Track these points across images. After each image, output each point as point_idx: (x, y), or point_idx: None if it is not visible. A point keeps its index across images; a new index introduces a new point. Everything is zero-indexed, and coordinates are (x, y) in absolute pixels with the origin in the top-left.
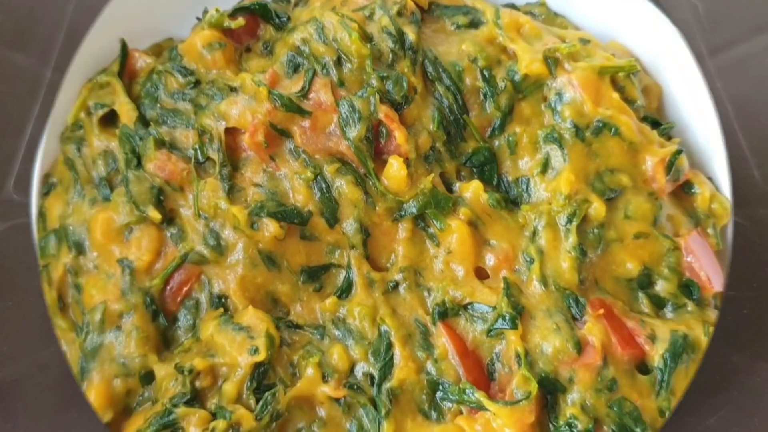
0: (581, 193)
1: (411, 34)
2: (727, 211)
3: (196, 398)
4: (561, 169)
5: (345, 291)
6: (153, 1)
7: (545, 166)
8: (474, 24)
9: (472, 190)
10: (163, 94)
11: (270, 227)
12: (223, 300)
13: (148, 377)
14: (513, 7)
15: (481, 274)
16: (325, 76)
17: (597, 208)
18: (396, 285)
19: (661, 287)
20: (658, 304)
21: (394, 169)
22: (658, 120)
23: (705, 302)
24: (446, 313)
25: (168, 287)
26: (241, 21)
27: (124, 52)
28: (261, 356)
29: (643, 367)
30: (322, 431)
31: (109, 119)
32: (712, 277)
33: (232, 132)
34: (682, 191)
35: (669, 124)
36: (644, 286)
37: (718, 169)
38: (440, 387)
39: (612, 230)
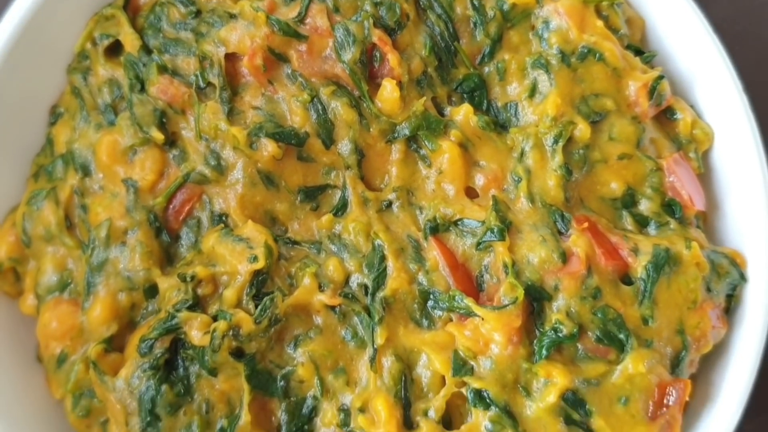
0: (567, 115)
1: None
2: (709, 137)
3: (197, 304)
4: (548, 93)
5: (340, 209)
6: None
7: (533, 91)
8: None
9: (462, 113)
10: (166, 25)
11: (268, 147)
12: (223, 218)
13: (151, 291)
14: None
15: (470, 193)
16: (321, 2)
17: (582, 129)
18: (389, 204)
19: (645, 206)
20: (641, 222)
21: (388, 91)
22: (640, 49)
23: (687, 221)
24: (437, 229)
25: (171, 206)
26: None
27: None
28: (260, 264)
29: (626, 279)
30: (318, 338)
31: (114, 51)
32: (694, 197)
33: (231, 59)
34: (665, 117)
35: (651, 53)
36: (628, 205)
37: (700, 97)
38: (431, 296)
39: (596, 151)
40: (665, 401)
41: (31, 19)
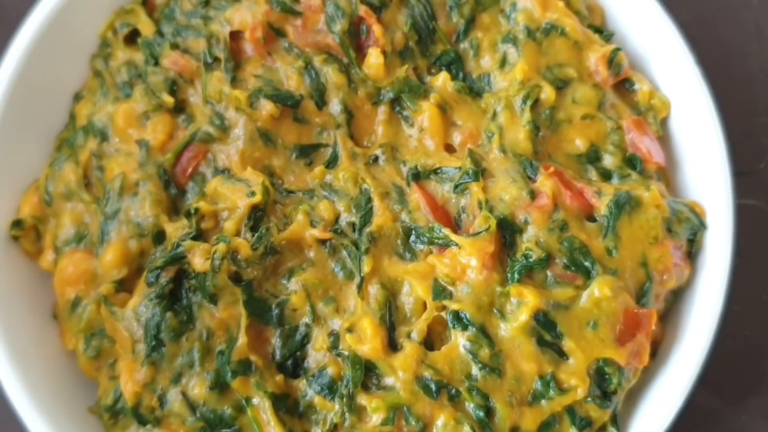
0: (533, 80)
1: None
2: (666, 105)
3: (200, 236)
4: (516, 62)
5: (331, 162)
6: None
7: (503, 62)
8: None
9: (441, 79)
10: (179, 14)
11: (267, 107)
12: (225, 172)
13: (159, 237)
14: None
15: (449, 150)
16: None
17: (548, 92)
18: (376, 158)
19: (608, 161)
20: (605, 175)
21: (373, 58)
22: (599, 29)
23: (648, 174)
24: (419, 176)
25: (178, 164)
26: None
27: None
28: (257, 198)
29: (591, 219)
30: (310, 269)
31: (132, 40)
32: (653, 151)
33: (236, 38)
34: (624, 88)
35: (609, 32)
36: (592, 160)
37: (656, 73)
38: (413, 232)
39: (561, 112)
40: (632, 330)
41: (57, 14)
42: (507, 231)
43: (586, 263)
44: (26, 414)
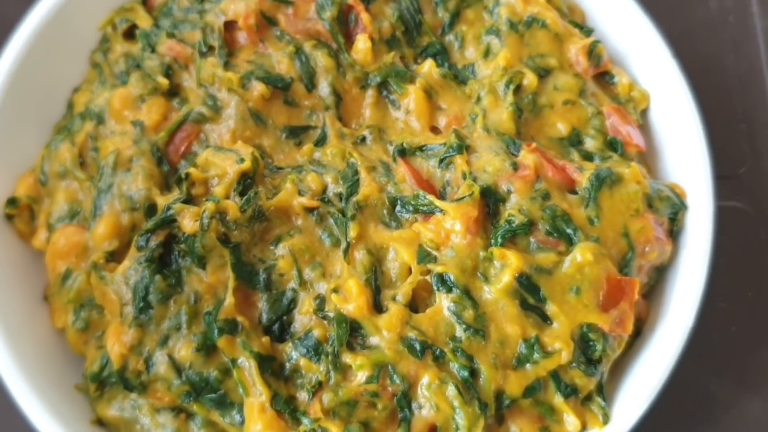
0: (516, 67)
1: None
2: (645, 97)
3: (190, 202)
4: (499, 52)
5: (320, 141)
6: None
7: (487, 52)
8: None
9: (427, 66)
10: (176, 11)
11: (258, 88)
12: None
13: (151, 211)
14: None
15: (435, 132)
16: None
17: (530, 79)
18: (363, 139)
19: (589, 144)
20: (587, 157)
21: (361, 44)
22: (580, 25)
23: (629, 157)
24: (404, 152)
25: (172, 143)
26: None
27: None
28: (246, 165)
29: (573, 193)
30: (297, 236)
31: (130, 36)
32: (633, 135)
33: (230, 29)
34: (605, 81)
35: (589, 28)
36: (574, 144)
37: (635, 69)
38: (398, 201)
39: (543, 98)
40: (615, 297)
41: (56, 12)
42: (490, 200)
43: (568, 230)
44: (18, 390)
